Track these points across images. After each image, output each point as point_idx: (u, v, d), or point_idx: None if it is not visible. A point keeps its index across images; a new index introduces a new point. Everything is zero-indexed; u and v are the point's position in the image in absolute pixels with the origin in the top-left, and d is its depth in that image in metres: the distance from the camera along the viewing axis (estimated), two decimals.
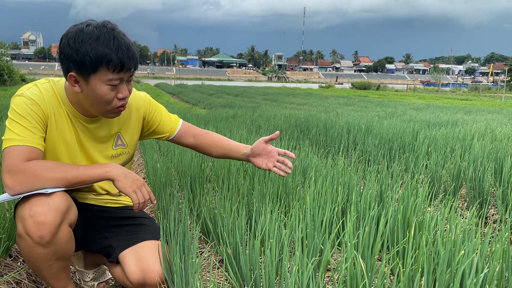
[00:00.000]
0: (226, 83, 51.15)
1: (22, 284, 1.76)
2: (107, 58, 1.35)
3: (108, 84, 1.40)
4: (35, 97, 1.44)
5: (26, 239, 1.33)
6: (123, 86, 1.45)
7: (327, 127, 5.02)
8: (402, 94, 30.09)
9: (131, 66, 1.42)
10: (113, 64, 1.36)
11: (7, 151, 1.37)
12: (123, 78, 1.43)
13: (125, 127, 1.69)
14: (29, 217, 1.31)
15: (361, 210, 1.93)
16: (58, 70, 74.81)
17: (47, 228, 1.32)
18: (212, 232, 1.95)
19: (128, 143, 1.71)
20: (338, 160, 2.86)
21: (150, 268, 1.51)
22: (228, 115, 7.31)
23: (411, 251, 1.40)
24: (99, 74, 1.38)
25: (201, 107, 12.82)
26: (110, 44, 1.35)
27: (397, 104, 14.61)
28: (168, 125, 1.83)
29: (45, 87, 1.50)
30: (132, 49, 1.41)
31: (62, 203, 1.36)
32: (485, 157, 3.20)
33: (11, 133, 1.38)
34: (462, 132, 4.93)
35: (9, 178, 1.34)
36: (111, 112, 1.49)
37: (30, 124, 1.40)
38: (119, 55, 1.36)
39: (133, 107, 1.71)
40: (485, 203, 2.60)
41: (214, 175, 2.78)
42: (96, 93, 1.41)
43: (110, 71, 1.38)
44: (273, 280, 1.39)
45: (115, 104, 1.45)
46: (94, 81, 1.39)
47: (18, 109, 1.40)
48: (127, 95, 1.46)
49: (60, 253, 1.42)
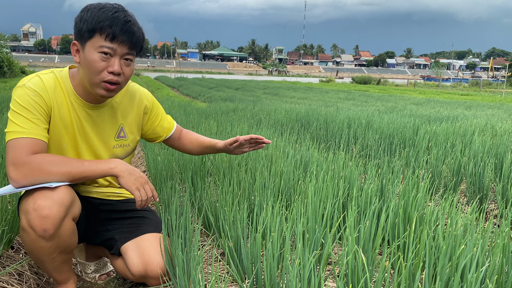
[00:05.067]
0: (226, 76, 51.02)
1: (24, 275, 1.77)
2: (101, 25, 1.39)
3: (99, 51, 1.41)
4: (37, 87, 1.44)
5: (29, 232, 1.34)
6: (116, 60, 1.44)
7: (328, 121, 5.01)
8: (402, 88, 30.04)
9: (124, 39, 1.42)
10: (105, 31, 1.39)
11: (11, 143, 1.37)
12: (116, 50, 1.43)
13: (127, 120, 1.70)
14: (33, 210, 1.31)
15: (362, 204, 1.94)
16: (58, 62, 74.62)
17: (51, 222, 1.32)
18: (214, 225, 1.96)
19: (129, 136, 1.72)
20: (339, 155, 2.86)
21: (151, 261, 1.52)
22: (228, 109, 7.30)
23: (412, 246, 1.41)
24: (93, 41, 1.41)
25: (202, 101, 12.80)
26: (108, 15, 1.40)
27: (398, 98, 14.59)
28: (165, 127, 1.88)
29: (48, 77, 1.50)
30: (130, 26, 1.43)
31: (66, 197, 1.36)
32: (485, 152, 3.20)
33: (14, 126, 1.38)
34: (463, 128, 4.93)
35: (14, 170, 1.34)
36: (99, 87, 1.46)
37: (33, 116, 1.41)
38: (113, 24, 1.39)
39: (136, 101, 1.72)
40: (485, 198, 2.61)
41: (215, 168, 2.78)
42: (88, 60, 1.42)
43: (102, 38, 1.40)
44: (275, 273, 1.40)
45: (103, 76, 1.44)
46: (88, 48, 1.42)
47: (20, 100, 1.40)
48: (117, 71, 1.44)
49: (63, 246, 1.43)
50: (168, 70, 50.21)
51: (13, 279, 1.71)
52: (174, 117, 5.86)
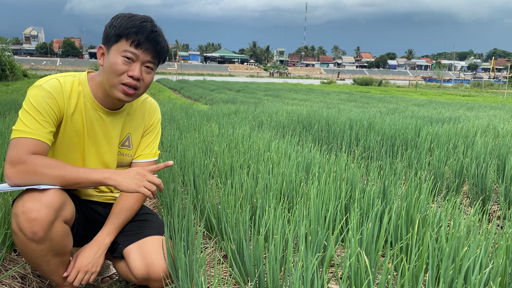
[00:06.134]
0: (228, 78, 51.08)
1: (27, 278, 1.77)
2: (128, 31, 1.44)
3: (123, 55, 1.45)
4: (52, 90, 1.46)
5: (19, 236, 1.34)
6: (137, 66, 1.48)
7: (329, 123, 5.01)
8: (404, 90, 30.03)
9: (149, 47, 1.46)
10: (131, 38, 1.44)
11: (14, 141, 1.39)
12: (139, 56, 1.46)
13: (136, 131, 1.71)
14: (22, 213, 1.31)
15: (365, 206, 1.94)
16: (60, 65, 74.81)
17: (39, 225, 1.32)
18: (216, 228, 1.96)
19: (134, 146, 1.72)
20: (341, 157, 2.86)
21: (154, 263, 1.52)
22: (230, 111, 7.31)
23: (415, 248, 1.41)
24: (118, 45, 1.46)
25: (203, 103, 12.81)
26: (136, 23, 1.45)
27: (399, 100, 14.58)
28: (145, 149, 1.73)
29: (65, 80, 1.52)
30: (155, 36, 1.48)
31: (56, 200, 1.36)
32: (487, 153, 3.20)
33: (22, 124, 1.40)
34: (465, 129, 4.92)
35: (10, 168, 1.35)
36: (117, 89, 1.49)
37: (42, 118, 1.42)
38: (139, 32, 1.44)
39: (146, 114, 1.73)
40: (488, 199, 2.61)
41: (217, 171, 2.78)
42: (111, 62, 1.46)
43: (128, 44, 1.45)
44: (277, 275, 1.39)
45: (122, 78, 1.47)
46: (112, 51, 1.46)
47: (33, 100, 1.42)
48: (137, 76, 1.48)
49: (56, 249, 1.42)
50: (170, 73, 50.33)
51: (16, 282, 1.71)
52: (176, 119, 5.87)
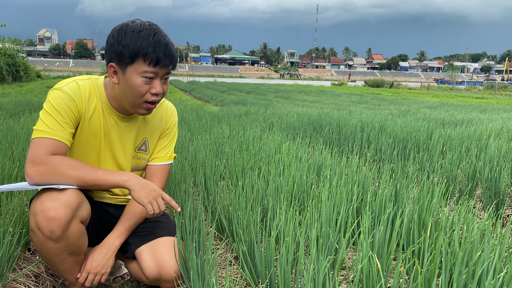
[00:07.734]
0: (238, 80, 51.16)
1: (41, 277, 1.79)
2: (145, 51, 1.40)
3: (142, 76, 1.44)
4: (72, 92, 1.49)
5: (37, 234, 1.37)
6: (158, 82, 1.48)
7: (340, 125, 4.99)
8: (415, 92, 29.78)
9: (167, 63, 1.46)
10: (149, 57, 1.42)
11: (35, 141, 1.42)
12: (158, 73, 1.46)
13: (153, 135, 1.72)
14: (40, 212, 1.35)
15: (376, 209, 1.93)
16: (72, 66, 75.62)
17: (57, 223, 1.35)
18: (227, 229, 1.97)
19: (150, 150, 1.74)
20: (352, 159, 2.85)
21: (166, 264, 1.53)
22: (240, 113, 7.32)
23: (428, 252, 1.40)
24: (135, 66, 1.43)
25: (214, 104, 12.85)
26: (149, 39, 1.41)
27: (411, 102, 14.47)
28: (160, 152, 1.73)
29: (84, 83, 1.55)
30: (170, 47, 1.46)
31: (73, 200, 1.39)
32: (501, 157, 3.16)
33: (43, 125, 1.43)
34: (478, 131, 4.86)
35: (32, 167, 1.39)
36: (141, 107, 1.51)
37: (62, 119, 1.46)
38: (156, 49, 1.41)
39: (163, 118, 1.74)
40: (502, 203, 2.57)
41: (228, 172, 2.79)
42: (131, 84, 1.45)
43: (146, 64, 1.43)
44: (289, 278, 1.39)
45: (146, 98, 1.48)
46: (130, 72, 1.44)
47: (54, 102, 1.45)
48: (160, 92, 1.49)
49: (72, 248, 1.45)
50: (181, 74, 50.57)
51: (30, 281, 1.73)
52: (187, 121, 5.90)
